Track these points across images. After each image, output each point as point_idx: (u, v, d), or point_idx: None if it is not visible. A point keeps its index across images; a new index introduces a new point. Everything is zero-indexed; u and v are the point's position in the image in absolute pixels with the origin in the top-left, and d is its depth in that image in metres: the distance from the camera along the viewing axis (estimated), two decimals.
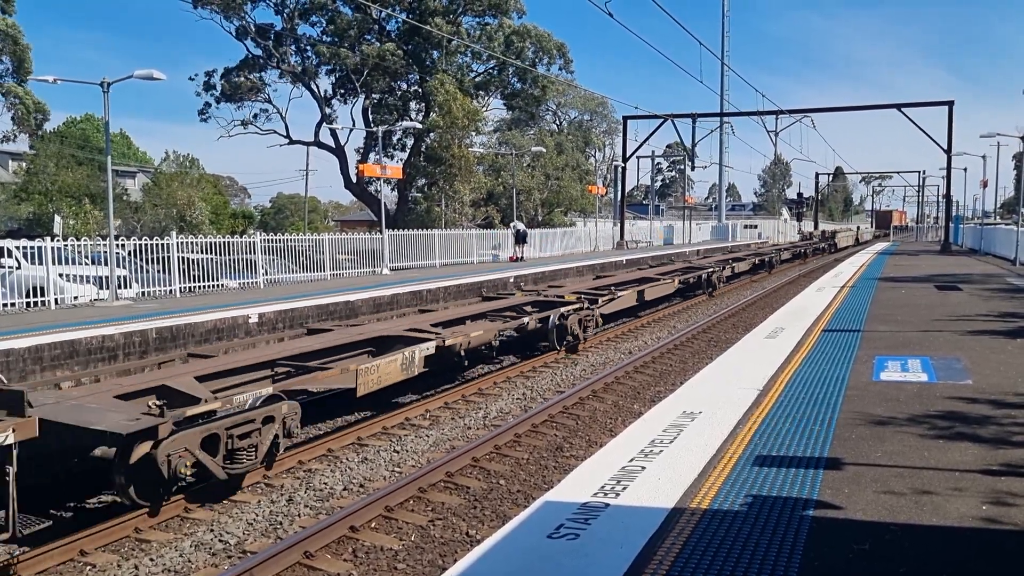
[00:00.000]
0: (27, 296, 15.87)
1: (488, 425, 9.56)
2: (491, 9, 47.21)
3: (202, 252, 19.75)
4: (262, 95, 48.16)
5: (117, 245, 17.30)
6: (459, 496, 7.09)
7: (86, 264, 17.67)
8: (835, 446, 6.03)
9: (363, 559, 5.89)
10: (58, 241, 16.87)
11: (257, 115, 48.64)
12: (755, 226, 72.31)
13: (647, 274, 21.53)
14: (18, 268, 16.36)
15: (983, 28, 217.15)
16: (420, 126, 41.35)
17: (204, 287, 19.19)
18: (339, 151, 49.84)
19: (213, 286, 19.43)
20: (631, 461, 5.78)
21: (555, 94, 61.33)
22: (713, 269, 24.37)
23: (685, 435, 6.42)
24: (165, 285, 18.42)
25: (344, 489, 7.39)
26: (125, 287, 17.50)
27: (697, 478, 5.36)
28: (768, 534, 4.40)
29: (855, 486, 5.14)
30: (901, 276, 22.84)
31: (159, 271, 18.58)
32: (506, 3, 46.96)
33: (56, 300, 15.99)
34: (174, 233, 19.48)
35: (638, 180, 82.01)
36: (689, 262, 28.49)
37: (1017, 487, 5.08)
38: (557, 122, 73.79)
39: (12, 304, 15.61)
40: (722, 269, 25.41)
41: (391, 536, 6.27)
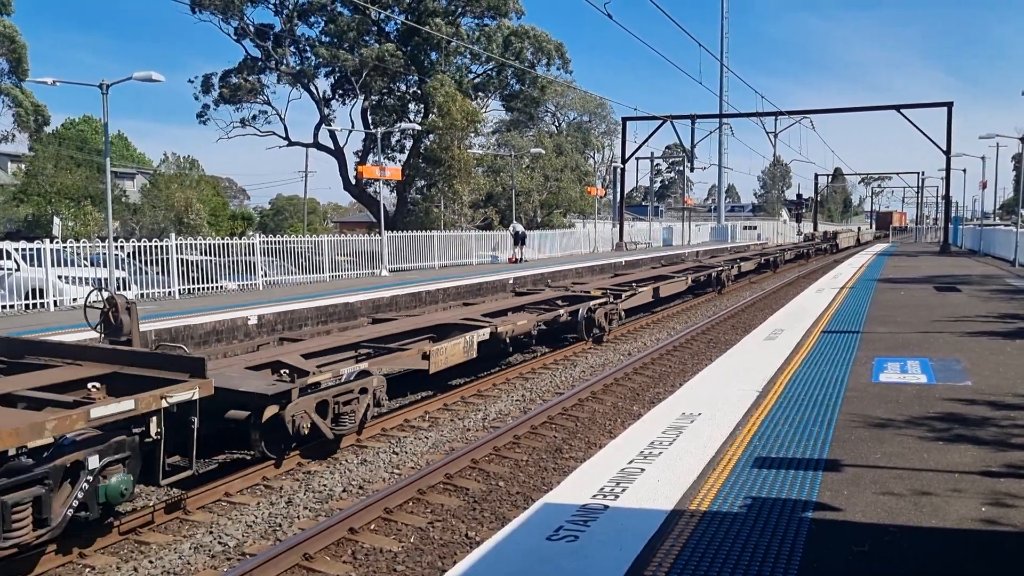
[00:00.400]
0: (26, 298, 15.87)
1: (488, 427, 9.56)
2: (490, 10, 47.20)
3: (201, 254, 19.75)
4: (261, 96, 48.10)
5: (116, 247, 17.31)
6: (458, 498, 7.09)
7: (85, 266, 17.67)
8: (834, 448, 6.04)
9: (362, 561, 5.88)
10: (57, 243, 16.87)
11: (256, 116, 48.59)
12: (754, 227, 72.44)
13: (662, 272, 22.63)
14: (17, 270, 16.36)
15: (981, 29, 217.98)
16: (419, 127, 41.31)
17: (203, 289, 19.20)
18: (338, 153, 49.80)
19: (212, 288, 19.44)
20: (630, 463, 5.78)
21: (554, 95, 61.35)
22: (722, 268, 25.18)
23: (684, 437, 6.42)
24: (164, 287, 18.43)
25: (343, 491, 7.39)
26: (124, 289, 17.49)
27: (696, 480, 5.36)
28: (767, 536, 4.40)
29: (854, 488, 5.14)
30: (900, 277, 22.84)
31: (158, 273, 18.58)
32: (505, 4, 46.95)
33: (55, 302, 15.99)
34: (173, 235, 19.48)
35: (637, 181, 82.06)
36: (699, 261, 29.48)
37: (1016, 488, 5.09)
38: (556, 123, 73.79)
39: (11, 306, 15.61)
40: (730, 268, 26.24)
41: (390, 538, 6.27)
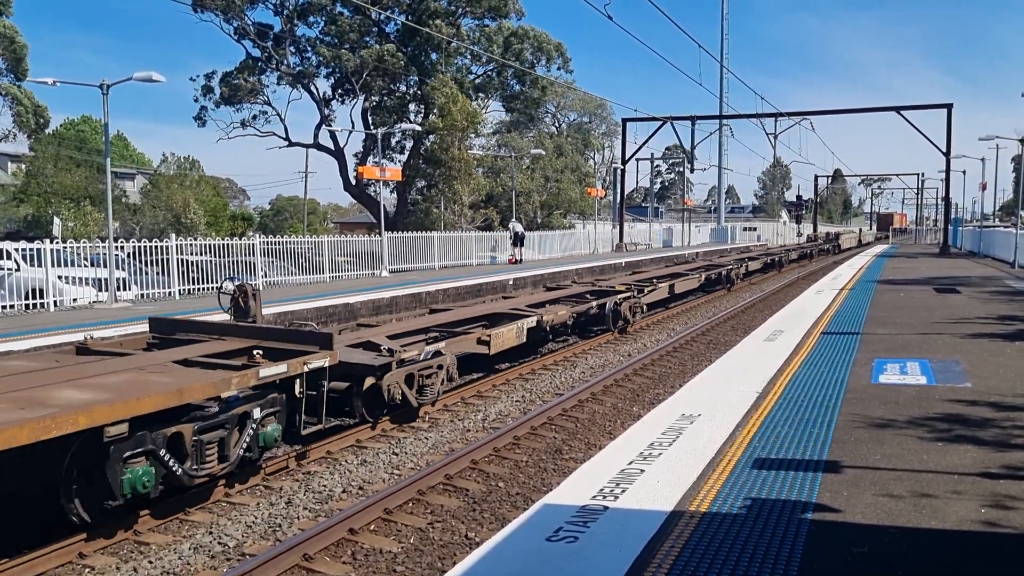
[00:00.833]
0: (26, 298, 15.86)
1: (487, 427, 9.56)
2: (490, 11, 47.23)
3: (201, 254, 19.74)
4: (261, 97, 48.11)
5: (116, 247, 17.29)
6: (458, 498, 7.09)
7: (85, 266, 17.65)
8: (834, 449, 6.04)
9: (362, 561, 5.88)
10: (57, 243, 16.86)
11: (256, 117, 48.62)
12: (754, 228, 72.48)
13: (677, 270, 24.62)
14: (17, 270, 16.35)
15: (981, 30, 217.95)
16: (419, 128, 41.29)
17: (203, 289, 19.19)
18: (338, 153, 49.80)
19: (212, 288, 19.42)
20: (630, 464, 5.78)
21: (554, 96, 61.36)
22: (731, 267, 26.98)
23: (684, 437, 6.43)
24: (164, 287, 18.42)
25: (343, 491, 7.39)
26: (124, 289, 17.48)
27: (696, 481, 5.36)
28: (767, 537, 4.41)
29: (854, 489, 5.14)
30: (900, 279, 22.85)
31: (158, 273, 18.57)
32: (505, 5, 46.98)
33: (55, 302, 15.98)
34: (173, 235, 19.47)
35: (637, 182, 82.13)
36: (710, 260, 31.11)
37: (1016, 490, 5.09)
38: (556, 124, 73.77)
39: (11, 306, 15.59)
40: (739, 267, 28.00)
41: (390, 538, 6.27)
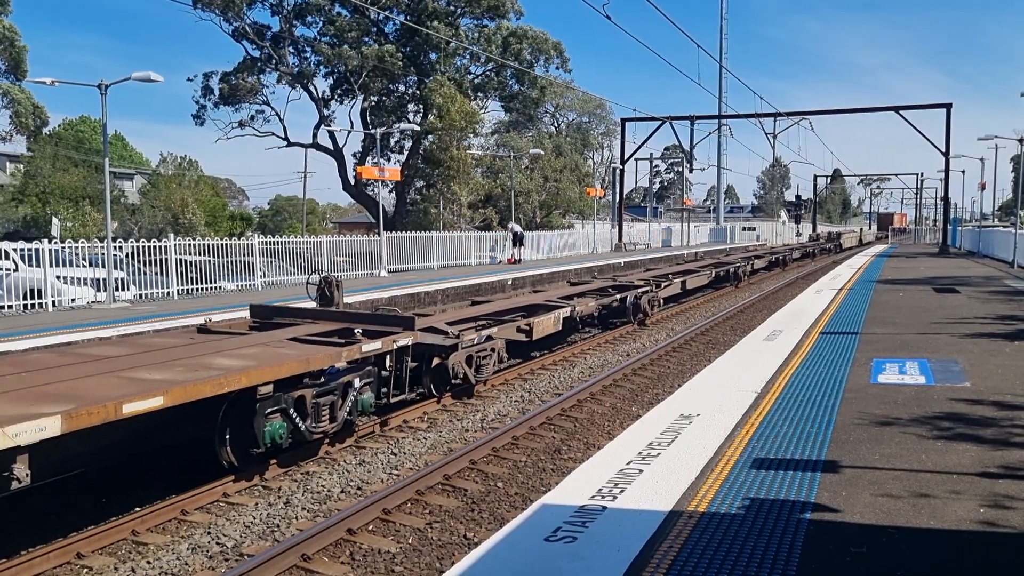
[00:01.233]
0: (24, 298, 15.84)
1: (486, 427, 9.55)
2: (489, 11, 47.23)
3: (200, 254, 19.71)
4: (260, 97, 48.09)
5: (115, 247, 17.27)
6: (457, 499, 7.08)
7: (84, 266, 17.62)
8: (833, 449, 6.03)
9: (360, 562, 5.87)
10: (55, 243, 16.84)
11: (255, 117, 48.58)
12: (753, 228, 72.44)
13: (688, 267, 26.21)
14: (15, 270, 16.33)
15: (979, 31, 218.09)
16: (418, 128, 41.26)
17: (202, 289, 19.17)
18: (337, 153, 49.78)
19: (211, 288, 19.42)
20: (629, 464, 5.78)
21: (553, 96, 61.29)
22: (739, 264, 28.66)
23: (683, 438, 6.42)
24: (163, 287, 18.39)
25: (342, 492, 7.38)
26: (123, 289, 17.46)
27: (695, 481, 5.36)
28: (765, 537, 4.40)
29: (853, 489, 5.14)
30: (899, 279, 22.85)
31: (157, 273, 18.55)
32: (504, 5, 46.97)
33: (54, 302, 15.96)
34: (172, 235, 19.45)
35: (636, 182, 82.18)
36: (718, 259, 32.16)
37: (1015, 490, 5.09)
38: (555, 124, 73.74)
39: (9, 306, 15.57)
40: (746, 264, 29.68)
41: (389, 539, 6.26)
